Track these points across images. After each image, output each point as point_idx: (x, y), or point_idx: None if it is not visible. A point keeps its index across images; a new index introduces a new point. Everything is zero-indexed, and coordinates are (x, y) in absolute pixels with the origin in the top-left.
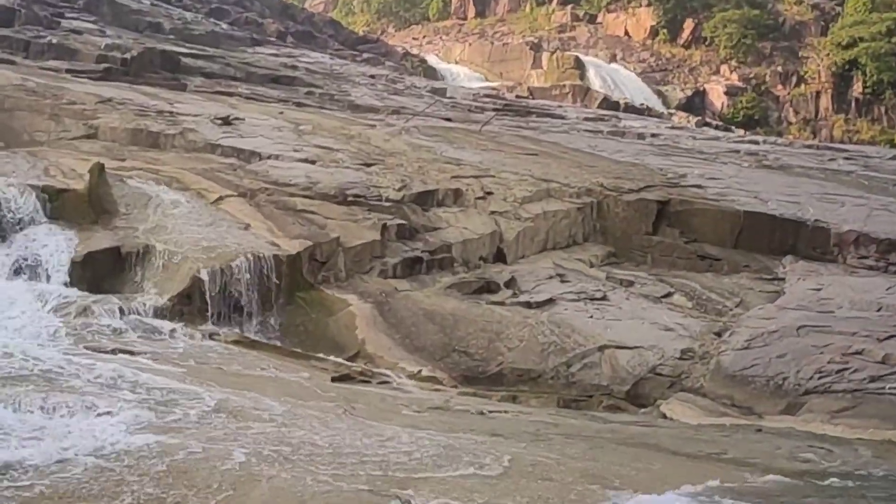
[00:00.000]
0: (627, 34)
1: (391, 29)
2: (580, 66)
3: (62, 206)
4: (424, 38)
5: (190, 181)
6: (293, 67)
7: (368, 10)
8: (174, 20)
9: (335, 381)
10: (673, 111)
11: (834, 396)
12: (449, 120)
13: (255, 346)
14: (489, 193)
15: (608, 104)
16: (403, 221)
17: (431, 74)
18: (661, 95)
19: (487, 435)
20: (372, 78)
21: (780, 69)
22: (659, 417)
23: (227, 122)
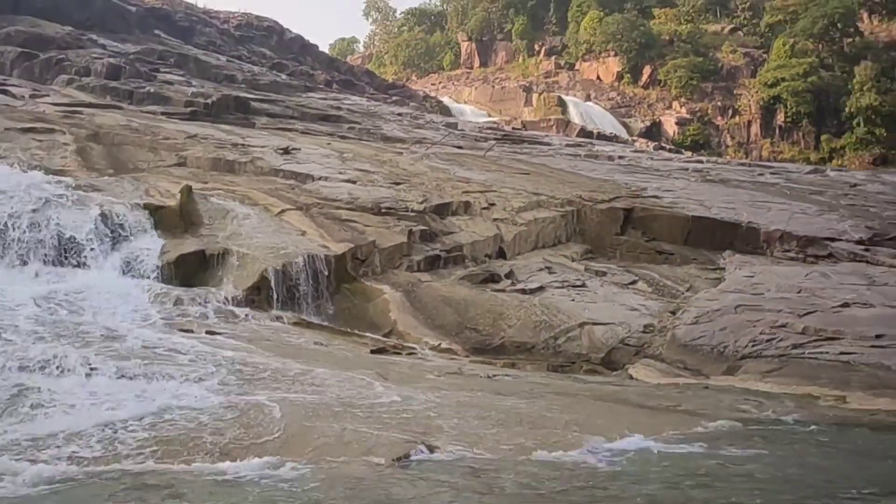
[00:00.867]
0: (599, 78)
1: (414, 77)
2: (562, 103)
3: (160, 219)
4: (440, 83)
5: (258, 198)
6: (338, 108)
7: (396, 62)
8: (244, 73)
9: (373, 352)
10: (635, 138)
11: (764, 360)
12: (460, 147)
13: (310, 326)
14: (492, 205)
15: (584, 133)
16: (425, 227)
17: (445, 112)
18: (625, 126)
19: (493, 393)
20: (399, 115)
21: (719, 104)
22: (627, 378)
23: (286, 151)
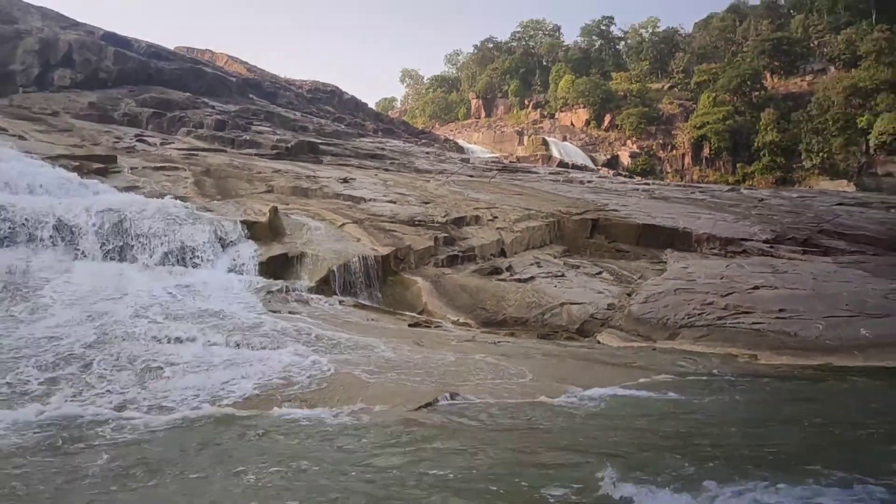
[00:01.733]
0: (572, 124)
1: (437, 125)
2: (545, 143)
3: (254, 231)
4: (456, 129)
5: (325, 215)
6: (382, 149)
7: (424, 114)
8: (314, 124)
9: (410, 326)
10: (600, 167)
11: (696, 329)
12: (471, 176)
13: (364, 307)
14: (495, 217)
15: (562, 164)
16: (446, 234)
17: (460, 150)
18: (592, 159)
19: (498, 356)
20: (427, 153)
21: (661, 141)
22: (596, 343)
23: (345, 181)
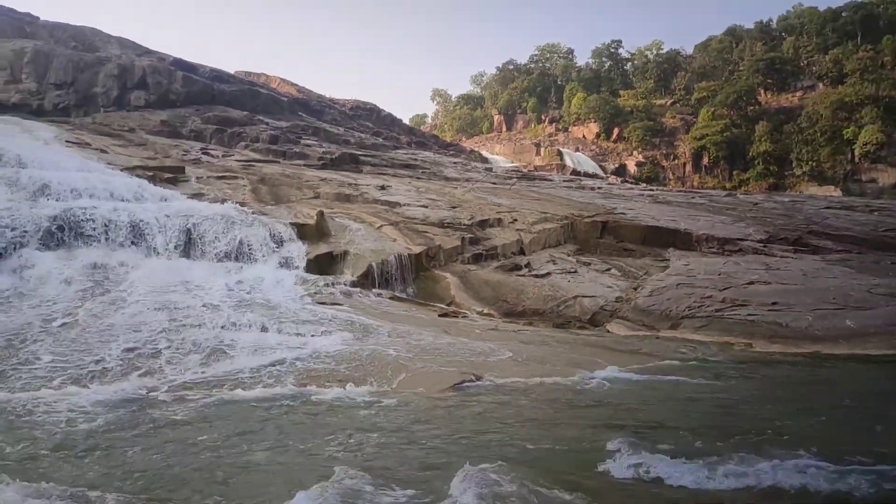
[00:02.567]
0: (584, 136)
1: (464, 138)
2: (560, 154)
3: (303, 232)
4: (480, 142)
5: (365, 218)
6: (414, 159)
7: (452, 129)
8: (355, 138)
9: (440, 316)
10: (609, 175)
11: (696, 319)
12: (493, 183)
13: (399, 299)
14: (515, 220)
15: (575, 173)
16: (472, 235)
17: (484, 161)
18: (602, 168)
19: (517, 342)
20: (455, 163)
21: (664, 152)
22: (605, 332)
23: (383, 188)
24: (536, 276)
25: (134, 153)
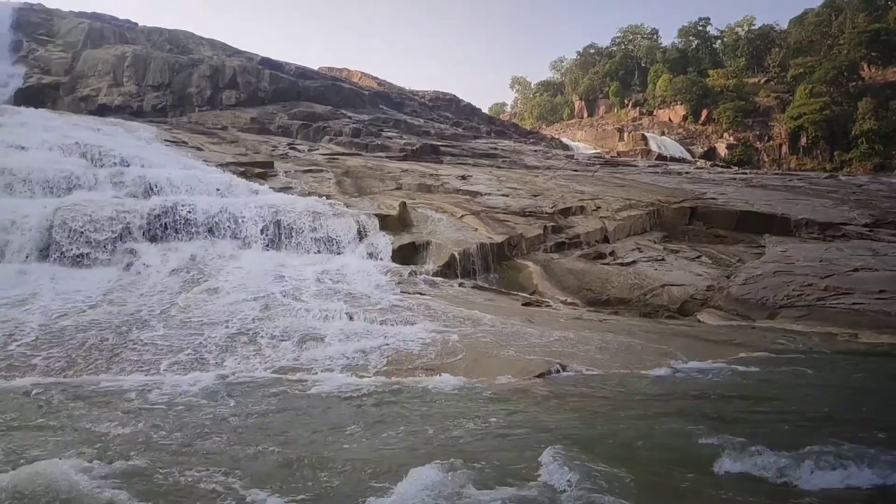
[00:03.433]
0: (670, 120)
1: (544, 126)
2: (644, 138)
3: (386, 223)
4: (561, 129)
5: (447, 208)
6: (494, 149)
7: (531, 116)
8: (435, 129)
9: (524, 305)
10: (697, 159)
11: (796, 309)
12: (575, 171)
13: (482, 289)
14: (599, 207)
15: (660, 157)
16: (554, 224)
17: (565, 148)
18: (689, 151)
19: (603, 332)
20: (535, 151)
21: (757, 133)
22: (696, 322)
23: (463, 178)
24: (621, 264)
25: (227, 150)
